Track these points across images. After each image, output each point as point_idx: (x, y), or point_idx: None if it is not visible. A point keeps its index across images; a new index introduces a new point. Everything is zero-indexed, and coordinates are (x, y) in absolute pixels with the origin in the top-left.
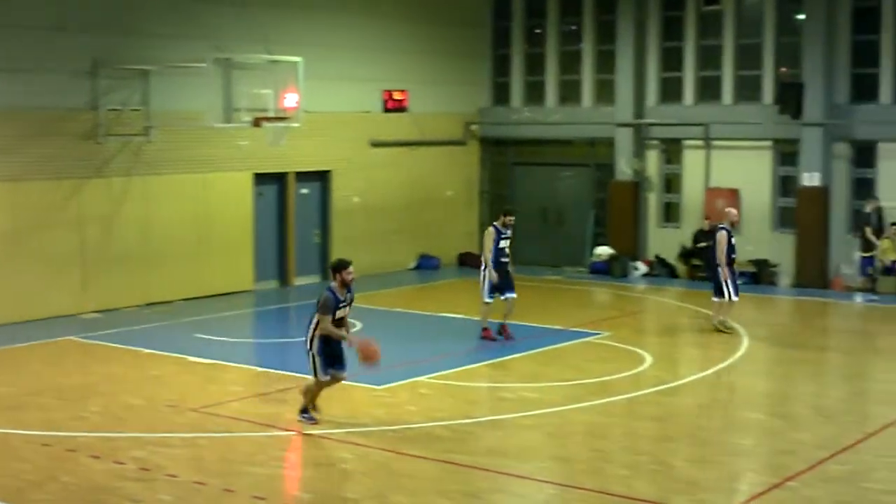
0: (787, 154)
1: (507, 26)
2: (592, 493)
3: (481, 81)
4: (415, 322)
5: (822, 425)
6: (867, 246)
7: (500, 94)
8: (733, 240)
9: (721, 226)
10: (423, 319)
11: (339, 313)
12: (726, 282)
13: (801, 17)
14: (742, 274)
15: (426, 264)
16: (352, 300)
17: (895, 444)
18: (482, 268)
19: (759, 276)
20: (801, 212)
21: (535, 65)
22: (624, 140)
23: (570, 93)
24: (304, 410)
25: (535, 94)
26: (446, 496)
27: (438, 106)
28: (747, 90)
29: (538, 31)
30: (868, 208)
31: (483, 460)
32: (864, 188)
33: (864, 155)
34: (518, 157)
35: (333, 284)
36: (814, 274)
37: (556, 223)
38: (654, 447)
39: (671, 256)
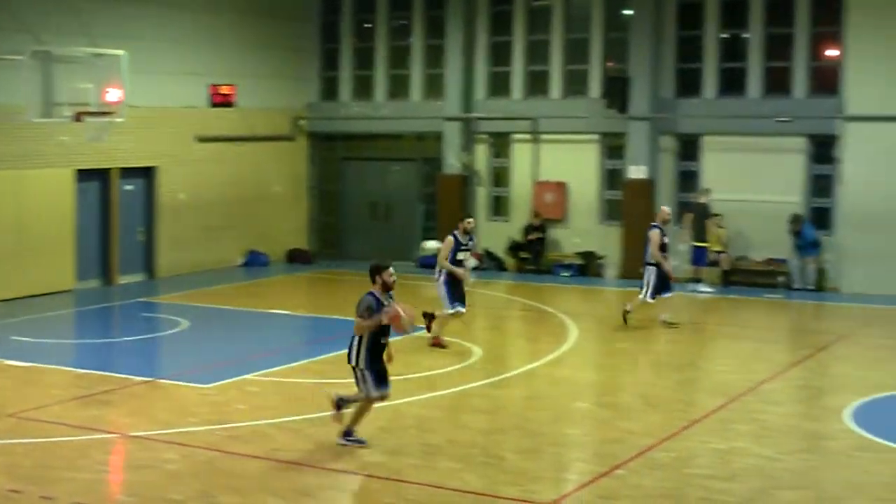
0: (613, 147)
1: (336, 20)
2: (424, 487)
3: (310, 76)
4: (243, 319)
5: (649, 414)
6: (700, 236)
7: (329, 89)
8: (665, 238)
9: (654, 224)
10: (252, 316)
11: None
12: (648, 281)
13: (628, 12)
14: (569, 266)
15: (254, 261)
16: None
17: (719, 431)
18: (438, 277)
19: (587, 268)
20: (627, 204)
21: (364, 59)
22: (453, 134)
23: (399, 87)
24: (348, 433)
25: (364, 88)
26: (276, 494)
27: (266, 101)
28: (575, 85)
29: (368, 25)
30: (702, 199)
31: (314, 457)
32: (689, 181)
33: (689, 148)
34: (347, 152)
35: (374, 289)
36: (640, 265)
37: (385, 218)
38: (484, 439)
39: (500, 250)
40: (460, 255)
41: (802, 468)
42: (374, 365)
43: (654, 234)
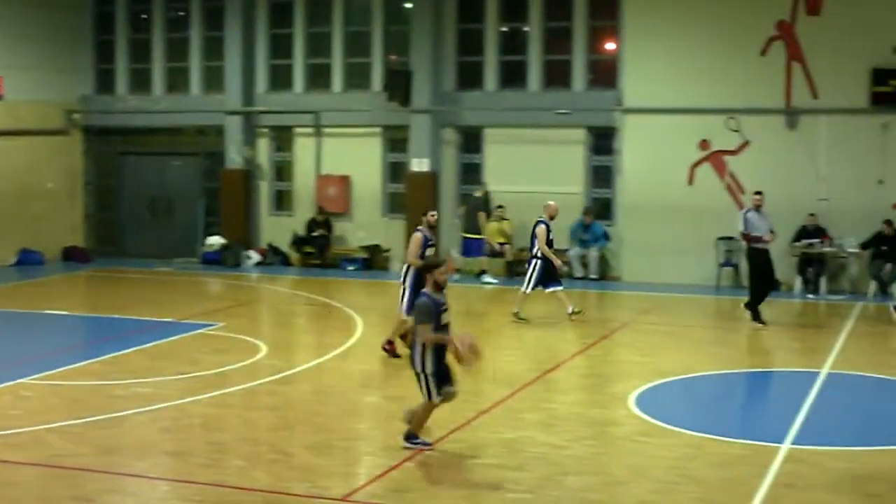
0: (396, 140)
1: (111, 11)
2: (209, 487)
3: (83, 68)
4: (16, 321)
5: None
6: (473, 228)
7: (105, 82)
8: (551, 234)
9: (540, 219)
10: (26, 318)
11: (443, 318)
12: (531, 275)
13: (409, 5)
14: (354, 260)
15: (28, 260)
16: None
17: (507, 421)
18: (404, 277)
19: (372, 261)
20: (410, 197)
21: (140, 51)
22: (234, 128)
23: (178, 80)
24: (411, 436)
25: (141, 81)
26: (53, 502)
27: (36, 93)
28: (357, 78)
29: (144, 16)
30: (477, 193)
31: (94, 461)
32: (471, 173)
33: (472, 140)
34: (125, 146)
35: (427, 289)
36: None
37: (166, 213)
38: (272, 436)
39: (284, 244)
40: (429, 252)
41: (589, 454)
42: (437, 369)
43: (541, 230)
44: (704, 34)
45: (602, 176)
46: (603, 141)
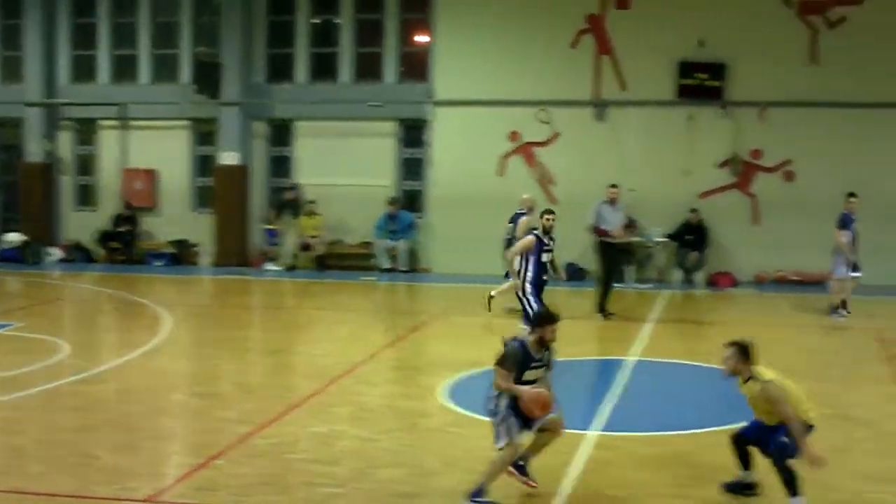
0: (205, 133)
1: None
2: (7, 494)
3: None
4: None
5: (247, 401)
6: (272, 220)
7: None
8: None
9: (519, 211)
10: None
11: (530, 374)
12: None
13: None
14: (162, 255)
15: None
16: (550, 363)
17: (318, 415)
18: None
19: (180, 256)
20: (220, 191)
21: None
22: (34, 120)
23: None
24: (476, 493)
25: None
26: None
27: None
28: (165, 69)
29: None
30: (289, 196)
31: None
32: (282, 166)
33: (282, 133)
34: None
35: (528, 338)
36: (234, 252)
37: None
38: (75, 438)
39: (88, 240)
40: (544, 258)
41: (400, 446)
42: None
43: (523, 221)
44: (515, 27)
45: (413, 168)
46: (414, 133)
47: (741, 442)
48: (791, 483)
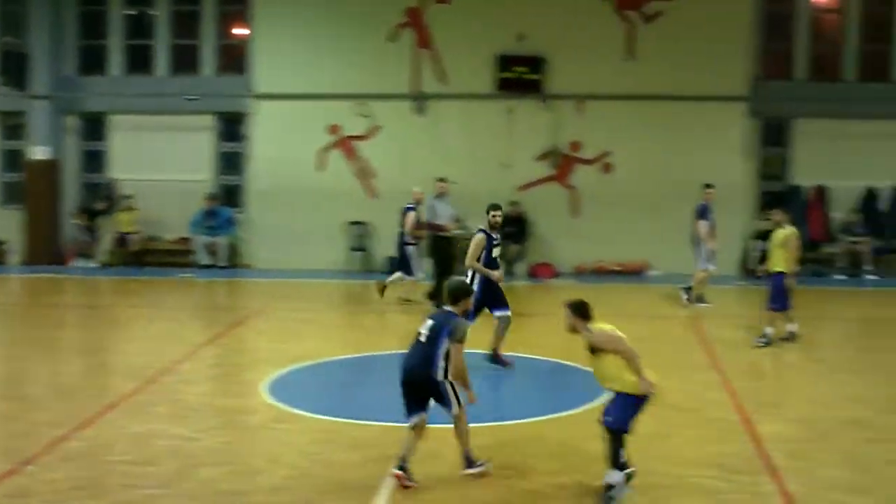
0: (13, 127)
1: None
2: None
3: None
4: None
5: (60, 403)
6: (84, 216)
7: None
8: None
9: (409, 206)
10: None
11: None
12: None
13: None
14: None
15: None
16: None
17: (136, 415)
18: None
19: None
20: (30, 187)
21: None
22: None
23: None
24: (469, 461)
25: None
26: None
27: None
28: None
29: None
30: (100, 206)
31: None
32: (96, 161)
33: (96, 127)
34: None
35: (457, 310)
36: (45, 250)
37: None
38: None
39: None
40: (495, 253)
41: (221, 445)
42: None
43: (411, 216)
44: (335, 20)
45: (232, 162)
46: (233, 127)
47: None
48: (615, 456)
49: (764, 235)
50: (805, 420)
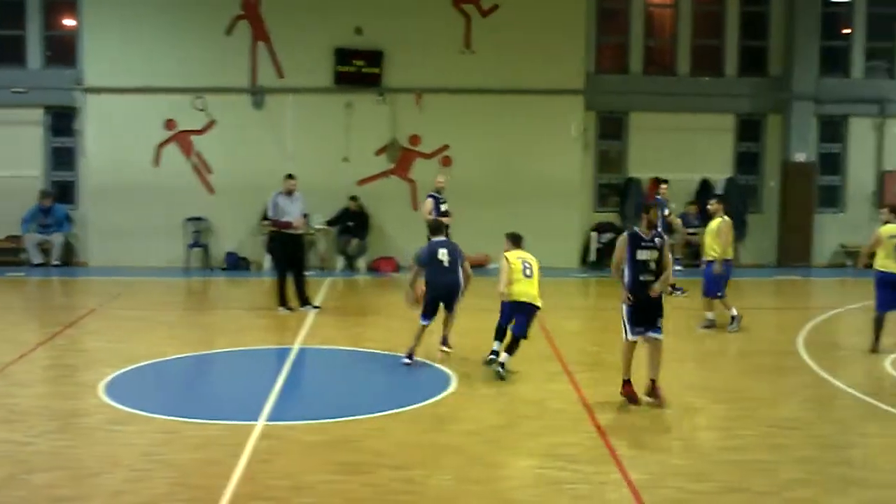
0: None
1: None
2: None
3: None
4: None
5: None
6: None
7: None
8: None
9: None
10: None
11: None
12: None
13: None
14: None
15: None
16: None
17: None
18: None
19: None
20: None
21: None
22: None
23: None
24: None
25: None
26: None
27: None
28: None
29: None
30: None
31: None
32: None
33: None
34: None
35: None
36: None
37: None
38: None
39: None
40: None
41: (57, 448)
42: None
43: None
44: (170, 12)
45: (63, 158)
46: (63, 121)
47: (503, 329)
48: (513, 348)
49: (602, 228)
50: (645, 409)
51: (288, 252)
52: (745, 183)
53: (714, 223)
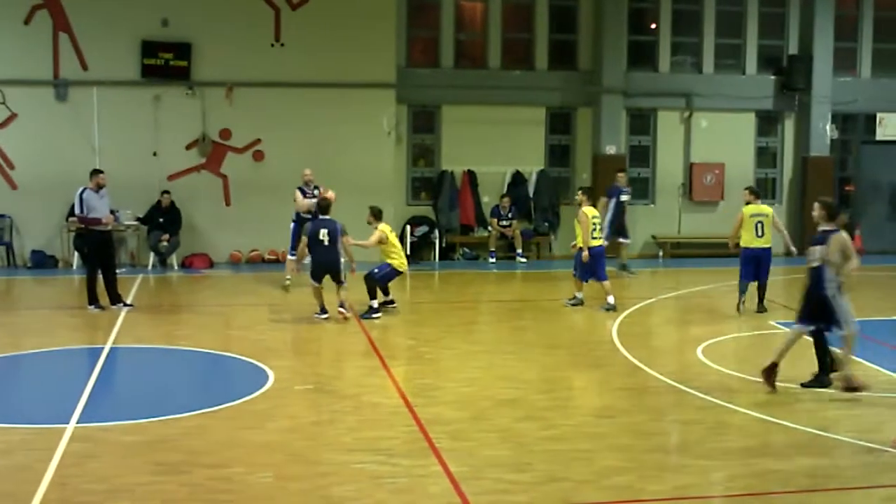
0: None
1: None
2: None
3: None
4: None
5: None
6: None
7: None
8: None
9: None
10: None
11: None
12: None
13: None
14: None
15: None
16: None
17: None
18: None
19: None
20: None
21: None
22: None
23: None
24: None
25: None
26: None
27: None
28: None
29: None
30: None
31: None
32: None
33: None
34: None
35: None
36: None
37: None
38: None
39: None
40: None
41: None
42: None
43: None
44: None
45: None
46: None
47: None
48: (373, 293)
49: (417, 221)
50: (464, 402)
51: (97, 249)
52: (558, 175)
53: (580, 213)
